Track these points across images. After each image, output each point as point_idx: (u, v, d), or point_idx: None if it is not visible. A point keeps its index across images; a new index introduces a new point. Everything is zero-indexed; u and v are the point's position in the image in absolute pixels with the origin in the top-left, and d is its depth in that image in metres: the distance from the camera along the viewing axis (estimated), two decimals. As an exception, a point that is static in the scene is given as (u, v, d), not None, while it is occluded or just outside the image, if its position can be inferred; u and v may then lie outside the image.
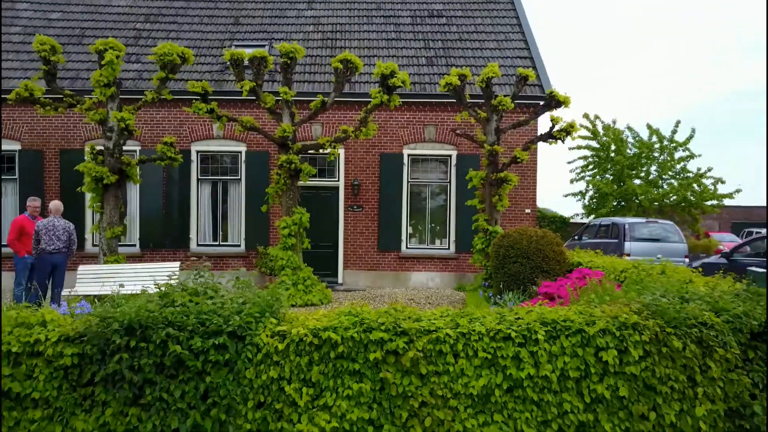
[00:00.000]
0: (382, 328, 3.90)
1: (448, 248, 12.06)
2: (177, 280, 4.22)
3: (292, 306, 8.91)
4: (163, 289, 4.02)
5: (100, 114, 9.30)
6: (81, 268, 8.66)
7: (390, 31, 13.34)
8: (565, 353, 3.98)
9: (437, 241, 12.26)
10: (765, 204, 37.04)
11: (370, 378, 3.87)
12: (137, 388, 3.66)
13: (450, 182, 12.09)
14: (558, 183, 61.60)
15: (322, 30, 13.35)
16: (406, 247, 12.03)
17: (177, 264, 8.71)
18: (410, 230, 12.21)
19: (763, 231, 28.32)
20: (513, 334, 3.96)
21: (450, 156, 12.06)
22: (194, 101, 9.27)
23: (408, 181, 12.07)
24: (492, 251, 8.70)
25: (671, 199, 23.98)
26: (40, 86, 9.30)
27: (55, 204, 8.17)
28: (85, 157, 9.71)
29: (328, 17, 13.74)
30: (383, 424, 3.88)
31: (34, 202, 8.48)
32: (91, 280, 8.65)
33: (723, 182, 23.91)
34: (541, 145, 10.60)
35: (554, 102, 9.84)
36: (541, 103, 10.55)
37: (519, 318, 4.12)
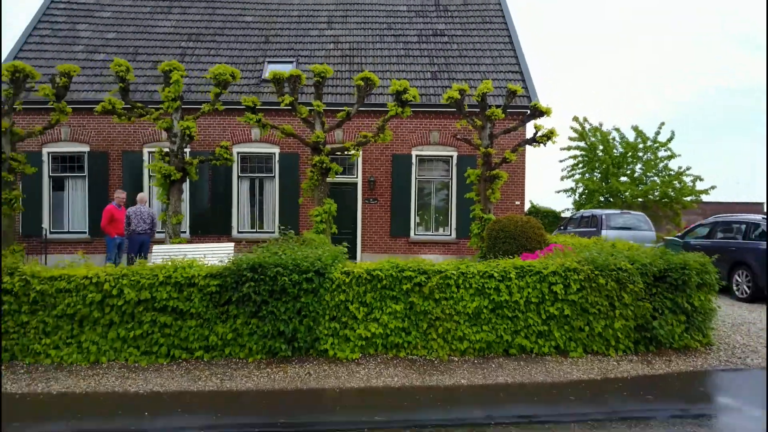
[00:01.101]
0: (411, 269, 6.06)
1: (450, 234, 14.20)
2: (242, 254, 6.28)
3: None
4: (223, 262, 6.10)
5: (166, 122, 11.42)
6: (155, 247, 10.80)
7: (399, 49, 15.47)
8: (528, 286, 6.15)
9: (440, 229, 14.41)
10: (751, 200, 39.22)
11: (403, 301, 6.04)
12: (257, 306, 5.81)
13: (451, 179, 14.23)
14: (551, 180, 64.12)
15: (341, 48, 15.47)
16: (414, 234, 14.16)
17: (232, 245, 10.85)
18: (417, 219, 14.35)
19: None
20: (495, 274, 6.12)
21: (451, 156, 14.20)
22: (246, 113, 11.38)
23: (416, 178, 14.21)
24: (486, 235, 10.81)
25: (654, 195, 26.07)
26: (116, 99, 11.42)
27: (141, 196, 10.35)
28: (143, 159, 11.82)
29: (346, 36, 15.86)
30: (411, 331, 6.05)
31: (120, 194, 10.64)
32: (163, 256, 10.79)
33: (701, 179, 26.05)
34: (536, 146, 12.72)
35: (538, 112, 11.95)
36: (528, 112, 12.66)
37: (499, 264, 6.29)
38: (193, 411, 4.80)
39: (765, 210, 28.99)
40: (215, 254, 10.36)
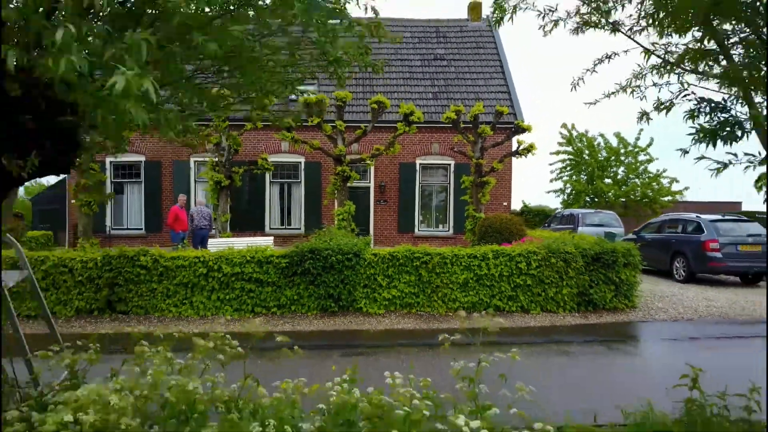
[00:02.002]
0: (419, 252, 8.69)
1: (448, 230, 16.81)
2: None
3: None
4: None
5: (216, 139, 14.03)
6: (210, 240, 13.40)
7: (405, 72, 18.08)
8: (501, 264, 8.77)
9: (440, 225, 17.01)
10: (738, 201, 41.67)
11: (414, 274, 8.67)
12: (314, 276, 8.44)
13: (449, 183, 16.83)
14: (545, 181, 67.59)
15: (355, 72, 18.02)
16: (418, 230, 16.77)
17: (271, 238, 13.46)
18: (420, 218, 16.94)
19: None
20: (478, 255, 8.76)
21: (449, 165, 16.80)
22: (282, 131, 13.97)
23: (419, 183, 16.81)
24: (477, 230, 13.41)
25: (636, 195, 28.71)
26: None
27: (200, 198, 12.98)
28: (190, 167, 14.37)
29: (359, 60, 18.43)
30: (419, 295, 8.68)
31: (182, 198, 13.28)
32: (218, 246, 13.40)
33: (677, 181, 28.71)
34: (519, 157, 15.31)
35: (520, 129, 14.56)
36: (513, 128, 15.26)
37: (481, 249, 8.92)
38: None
39: (743, 208, 31.62)
40: (257, 245, 12.99)
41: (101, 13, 2.65)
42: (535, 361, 6.30)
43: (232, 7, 3.10)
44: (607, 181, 29.04)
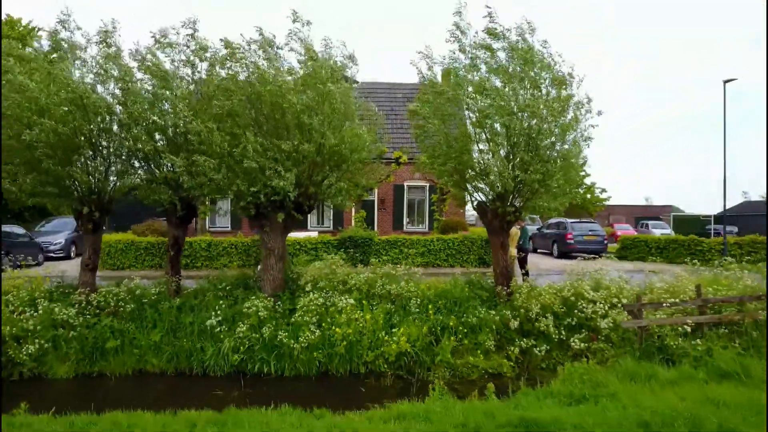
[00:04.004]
0: (400, 238, 18.13)
1: (425, 228, 26.03)
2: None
3: (360, 249, 22.95)
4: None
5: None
6: (280, 234, 22.66)
7: (398, 123, 27.26)
8: (441, 243, 18.19)
9: (419, 225, 26.23)
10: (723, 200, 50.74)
11: (397, 249, 18.10)
12: (349, 249, 17.82)
13: (426, 198, 26.03)
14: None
15: (363, 120, 27.24)
16: (405, 228, 25.97)
17: (316, 233, 22.69)
18: (407, 219, 26.13)
19: (650, 222, 42.57)
20: (430, 239, 18.17)
21: (426, 186, 26.01)
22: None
23: (406, 197, 25.99)
24: (439, 227, 22.64)
25: (576, 201, 38.02)
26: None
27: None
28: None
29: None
30: (400, 258, 18.11)
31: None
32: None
33: (605, 191, 38.15)
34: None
35: (467, 166, 23.82)
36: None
37: (432, 236, 18.30)
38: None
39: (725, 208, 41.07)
40: (309, 237, 22.26)
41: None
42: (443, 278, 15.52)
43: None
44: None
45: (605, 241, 21.46)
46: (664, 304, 9.60)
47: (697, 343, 9.09)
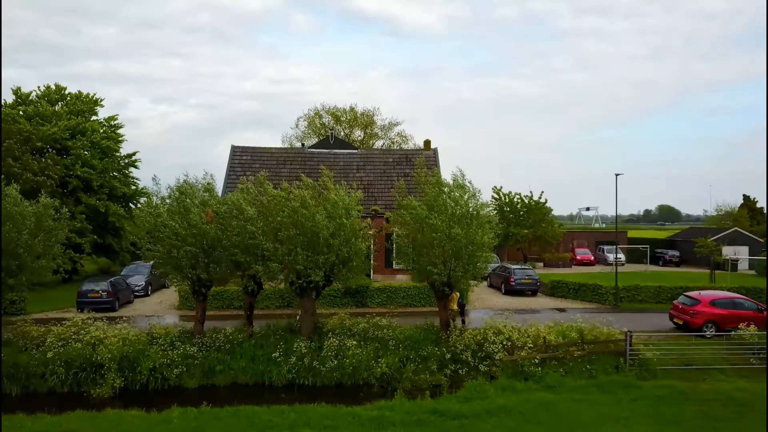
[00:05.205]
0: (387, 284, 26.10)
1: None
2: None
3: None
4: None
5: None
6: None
7: (386, 184, 35.00)
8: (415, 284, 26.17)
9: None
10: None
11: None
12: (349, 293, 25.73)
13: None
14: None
15: (364, 181, 35.02)
16: (394, 266, 33.72)
17: (327, 273, 30.56)
18: (396, 261, 33.90)
19: (606, 247, 50.66)
20: (409, 285, 26.14)
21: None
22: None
23: (394, 243, 33.73)
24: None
25: (540, 232, 45.99)
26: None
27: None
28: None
29: (363, 177, 35.37)
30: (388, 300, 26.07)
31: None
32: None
33: (562, 224, 46.33)
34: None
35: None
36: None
37: (412, 283, 26.24)
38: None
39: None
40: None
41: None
42: (413, 319, 23.32)
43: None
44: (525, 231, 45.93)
45: (538, 283, 29.29)
46: (525, 347, 17.46)
47: (538, 370, 16.94)
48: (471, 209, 19.32)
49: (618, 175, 29.60)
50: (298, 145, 56.86)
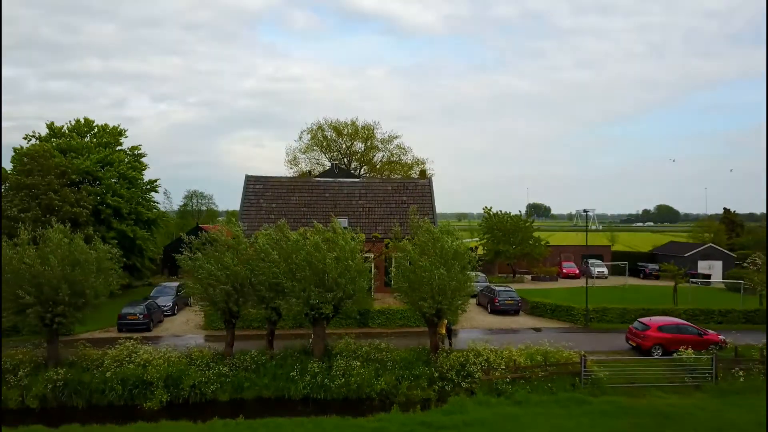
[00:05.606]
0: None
1: (406, 285, 37.60)
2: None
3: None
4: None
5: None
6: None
7: (385, 212, 38.69)
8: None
9: (403, 283, 37.81)
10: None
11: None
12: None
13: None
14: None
15: (365, 208, 38.73)
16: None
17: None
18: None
19: (590, 260, 54.50)
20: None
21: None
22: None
23: (393, 265, 37.49)
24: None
25: (527, 248, 49.80)
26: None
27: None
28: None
29: (365, 204, 39.08)
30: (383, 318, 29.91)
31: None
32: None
33: (548, 242, 50.14)
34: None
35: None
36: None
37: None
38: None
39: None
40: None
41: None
42: (408, 340, 27.09)
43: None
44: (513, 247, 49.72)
45: (519, 304, 33.16)
46: (499, 368, 21.26)
47: (509, 387, 20.74)
48: (455, 249, 23.03)
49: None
50: (302, 156, 60.72)
